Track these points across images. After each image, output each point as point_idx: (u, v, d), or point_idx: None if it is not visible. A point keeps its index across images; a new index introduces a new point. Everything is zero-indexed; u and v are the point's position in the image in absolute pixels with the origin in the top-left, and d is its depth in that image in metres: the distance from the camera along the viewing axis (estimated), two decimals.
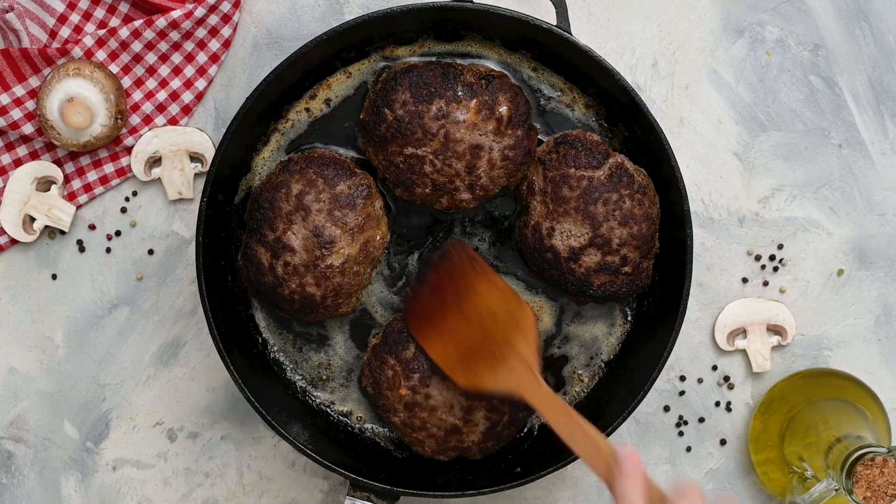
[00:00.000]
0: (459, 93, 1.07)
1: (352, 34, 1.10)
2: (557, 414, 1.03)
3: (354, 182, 1.09)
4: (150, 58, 1.19)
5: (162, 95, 1.20)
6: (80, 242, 1.21)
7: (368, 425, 1.16)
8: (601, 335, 1.16)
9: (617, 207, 1.09)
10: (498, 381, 1.07)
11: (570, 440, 1.01)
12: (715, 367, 1.22)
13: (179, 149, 1.19)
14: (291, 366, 1.16)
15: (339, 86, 1.14)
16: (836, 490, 1.08)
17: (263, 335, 1.16)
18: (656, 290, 1.15)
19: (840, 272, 1.22)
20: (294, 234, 1.08)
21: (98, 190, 1.20)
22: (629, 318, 1.16)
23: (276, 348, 1.16)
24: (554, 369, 1.16)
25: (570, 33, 1.09)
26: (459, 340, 1.09)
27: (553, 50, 1.12)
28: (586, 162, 1.09)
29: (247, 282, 1.12)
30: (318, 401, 1.16)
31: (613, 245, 1.09)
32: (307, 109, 1.14)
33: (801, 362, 1.22)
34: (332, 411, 1.16)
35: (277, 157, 1.14)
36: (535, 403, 1.05)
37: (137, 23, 1.16)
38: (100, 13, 1.19)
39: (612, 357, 1.16)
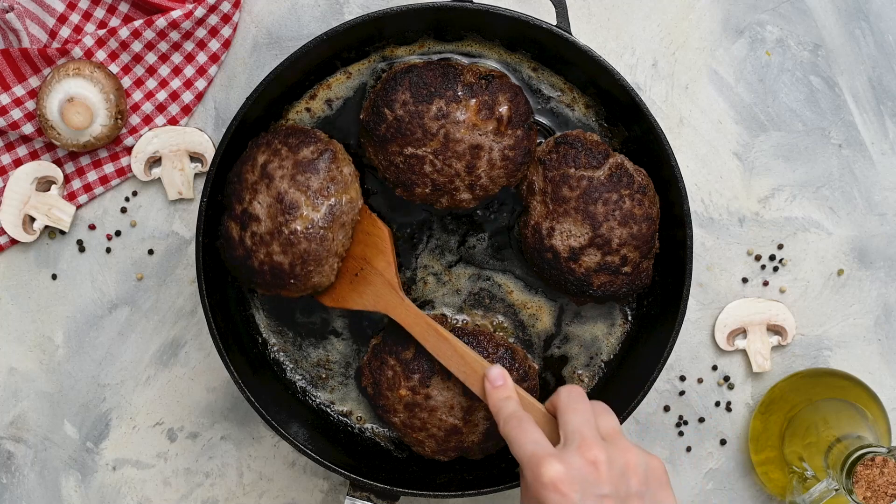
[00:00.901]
0: (459, 93, 1.07)
1: (352, 34, 1.10)
2: (424, 330, 1.07)
3: (318, 147, 1.07)
4: (150, 58, 1.19)
5: (162, 95, 1.20)
6: (80, 242, 1.21)
7: (368, 425, 1.16)
8: (601, 335, 1.16)
9: (617, 207, 1.09)
10: (362, 300, 1.09)
11: (441, 356, 1.06)
12: (715, 367, 1.22)
13: (179, 149, 1.19)
14: (291, 365, 1.16)
15: (340, 86, 1.14)
16: (836, 490, 1.08)
17: (263, 335, 1.16)
18: (656, 290, 1.15)
19: (840, 272, 1.22)
20: (259, 202, 1.06)
21: (98, 190, 1.20)
22: (629, 318, 1.16)
23: (275, 348, 1.16)
24: (554, 369, 1.16)
25: (570, 33, 1.09)
26: None
27: (553, 50, 1.12)
28: (586, 162, 1.09)
29: (225, 261, 1.10)
30: (317, 401, 1.16)
31: (613, 245, 1.09)
32: (308, 109, 1.14)
33: (801, 362, 1.23)
34: (331, 411, 1.16)
35: None
36: (400, 321, 1.08)
37: (137, 23, 1.16)
38: (100, 13, 1.19)
39: (612, 357, 1.16)
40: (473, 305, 1.15)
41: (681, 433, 1.22)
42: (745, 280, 1.22)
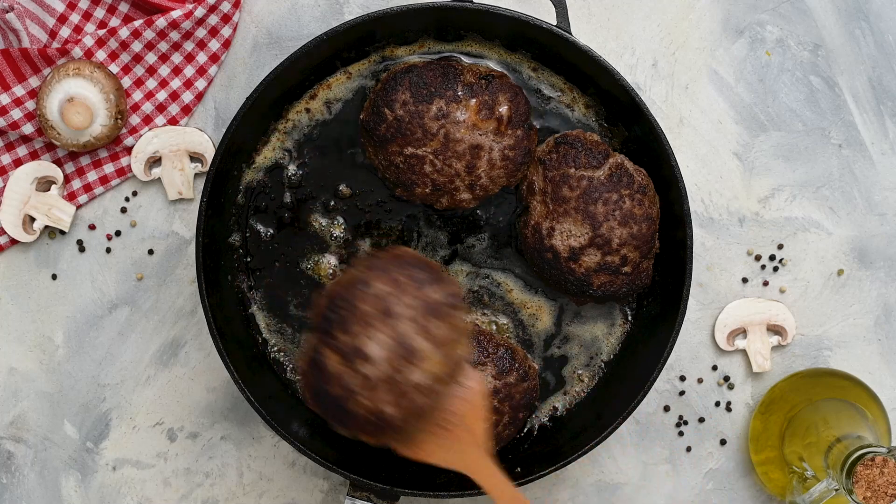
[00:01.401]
0: (459, 93, 1.07)
1: (352, 34, 1.10)
2: (510, 501, 1.00)
3: (449, 290, 0.96)
4: (150, 58, 1.19)
5: (162, 95, 1.20)
6: (80, 242, 1.21)
7: None
8: (601, 335, 1.16)
9: (617, 207, 1.09)
10: (445, 455, 1.01)
11: None
12: (715, 367, 1.22)
13: (179, 149, 1.19)
14: (291, 365, 1.16)
15: (339, 86, 1.14)
16: (836, 490, 1.08)
17: (263, 335, 1.16)
18: (656, 289, 1.15)
19: (840, 272, 1.22)
20: (376, 342, 0.93)
21: (98, 190, 1.20)
22: (629, 318, 1.16)
23: (275, 349, 1.16)
24: (554, 369, 1.16)
25: (570, 33, 1.09)
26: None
27: (553, 50, 1.12)
28: (586, 162, 1.09)
29: (308, 393, 0.98)
30: None
31: (613, 245, 1.09)
32: (307, 110, 1.14)
33: (801, 362, 1.22)
34: None
35: (278, 158, 1.14)
36: (486, 487, 1.00)
37: (137, 23, 1.16)
38: (100, 13, 1.19)
39: (612, 357, 1.16)
40: (473, 303, 1.15)
41: (681, 433, 1.22)
42: (745, 280, 1.22)
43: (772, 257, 1.22)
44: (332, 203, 1.15)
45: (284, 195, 1.15)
